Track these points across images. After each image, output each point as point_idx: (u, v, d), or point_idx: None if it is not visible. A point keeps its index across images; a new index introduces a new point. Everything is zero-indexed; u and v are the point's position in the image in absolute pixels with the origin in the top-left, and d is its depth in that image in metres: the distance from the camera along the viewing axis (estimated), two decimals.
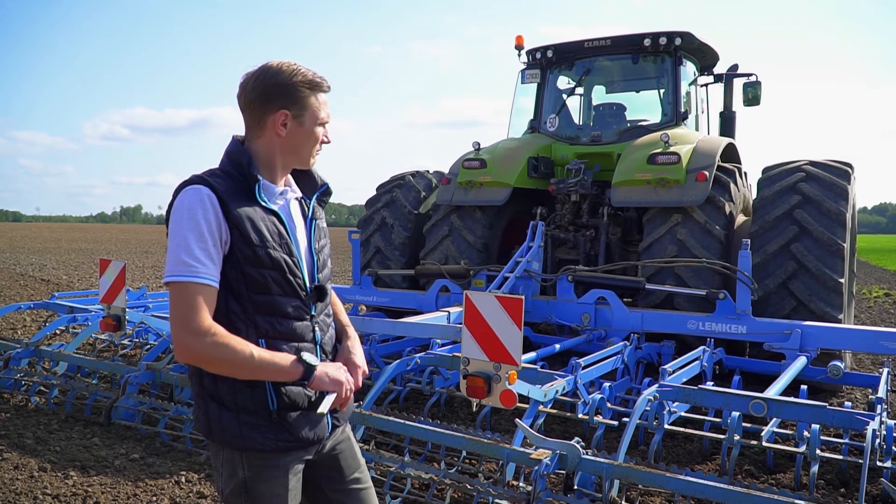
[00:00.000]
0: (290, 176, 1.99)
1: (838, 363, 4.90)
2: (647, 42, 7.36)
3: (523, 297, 3.09)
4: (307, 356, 1.82)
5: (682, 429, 4.17)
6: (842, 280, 5.68)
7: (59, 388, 5.33)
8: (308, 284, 1.89)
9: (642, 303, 6.33)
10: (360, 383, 2.00)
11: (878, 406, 3.45)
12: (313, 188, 2.02)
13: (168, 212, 1.79)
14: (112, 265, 4.70)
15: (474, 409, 3.30)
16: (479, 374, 3.16)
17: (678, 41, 7.32)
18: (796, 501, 2.88)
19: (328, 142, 1.94)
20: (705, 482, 3.08)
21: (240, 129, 1.95)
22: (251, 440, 1.78)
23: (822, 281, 5.69)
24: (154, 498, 3.67)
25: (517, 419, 3.57)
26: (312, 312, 1.90)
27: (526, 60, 8.33)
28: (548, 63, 8.11)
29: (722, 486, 3.03)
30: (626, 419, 4.28)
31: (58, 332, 7.48)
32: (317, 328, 1.91)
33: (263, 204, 1.81)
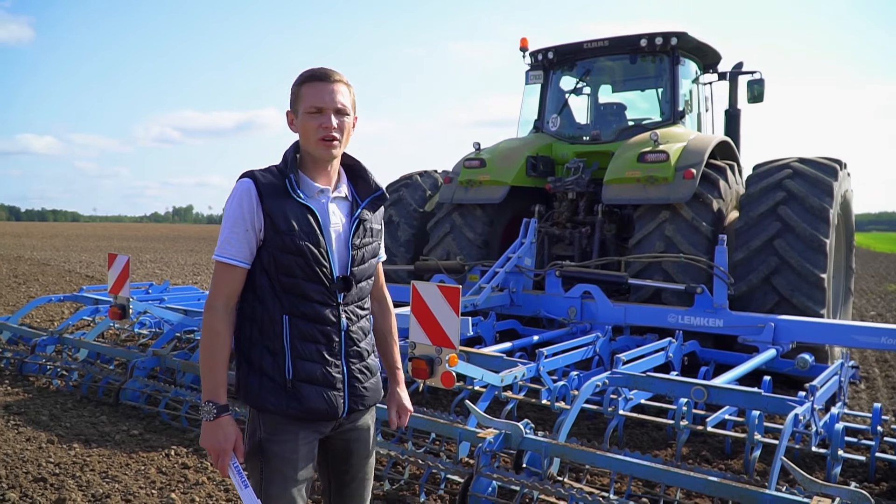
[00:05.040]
0: (345, 177, 2.13)
1: (806, 356, 4.99)
2: (643, 42, 7.49)
3: (460, 287, 3.35)
4: (214, 410, 1.93)
5: (637, 415, 4.36)
6: (823, 275, 5.74)
7: (77, 372, 5.82)
8: (335, 274, 2.02)
9: (633, 297, 6.48)
10: (406, 422, 2.28)
11: (812, 393, 3.59)
12: (368, 192, 2.14)
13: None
14: (118, 259, 5.14)
15: (420, 389, 3.58)
16: (423, 357, 3.47)
17: (674, 41, 7.42)
18: (709, 477, 3.09)
19: (328, 127, 1.97)
20: (629, 459, 3.30)
21: (282, 130, 2.16)
22: (266, 401, 1.98)
23: (803, 276, 5.76)
24: (143, 467, 4.07)
25: (467, 402, 3.83)
26: (339, 300, 2.03)
27: (530, 62, 8.54)
28: (550, 64, 8.30)
29: (644, 462, 3.26)
30: (588, 405, 4.51)
31: (89, 321, 8.02)
32: (343, 315, 2.04)
33: (297, 198, 1.98)
